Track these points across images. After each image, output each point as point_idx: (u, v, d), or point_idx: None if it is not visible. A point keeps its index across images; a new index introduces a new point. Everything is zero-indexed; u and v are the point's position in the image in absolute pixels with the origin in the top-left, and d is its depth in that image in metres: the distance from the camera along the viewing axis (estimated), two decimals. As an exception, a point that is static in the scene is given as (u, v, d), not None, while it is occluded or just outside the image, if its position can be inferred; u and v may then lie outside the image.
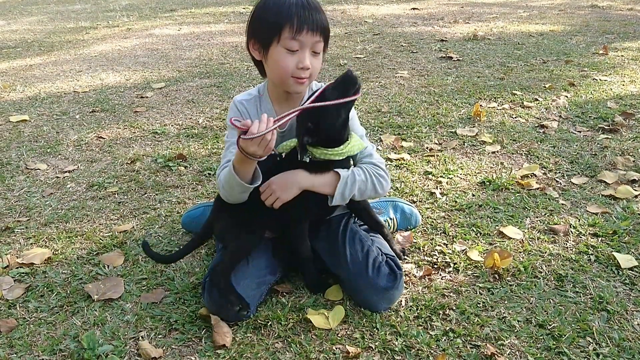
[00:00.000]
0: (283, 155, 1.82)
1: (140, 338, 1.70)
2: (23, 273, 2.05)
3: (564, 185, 2.58)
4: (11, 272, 2.05)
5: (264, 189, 1.78)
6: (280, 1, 1.72)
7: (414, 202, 2.47)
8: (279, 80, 1.81)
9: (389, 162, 2.88)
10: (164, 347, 1.66)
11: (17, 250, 2.21)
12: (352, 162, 1.89)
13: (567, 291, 1.83)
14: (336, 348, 1.63)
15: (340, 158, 1.77)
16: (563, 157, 2.87)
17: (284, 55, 1.73)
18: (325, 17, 1.76)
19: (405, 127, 3.36)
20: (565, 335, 1.63)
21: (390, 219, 2.23)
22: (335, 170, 1.79)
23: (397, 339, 1.64)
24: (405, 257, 2.05)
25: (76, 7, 10.49)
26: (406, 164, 2.85)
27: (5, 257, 2.14)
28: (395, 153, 2.98)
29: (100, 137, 3.42)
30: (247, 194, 1.74)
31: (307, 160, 1.73)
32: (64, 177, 2.88)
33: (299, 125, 1.73)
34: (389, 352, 1.60)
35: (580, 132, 3.21)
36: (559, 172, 2.71)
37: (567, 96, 3.85)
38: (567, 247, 2.09)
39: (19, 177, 2.91)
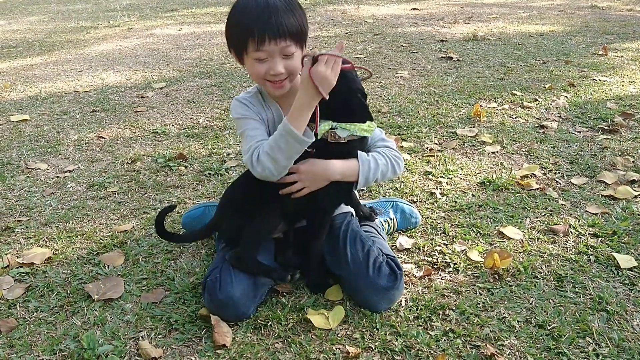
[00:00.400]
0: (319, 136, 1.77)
1: (140, 338, 1.70)
2: (23, 273, 2.05)
3: (564, 186, 2.58)
4: (11, 271, 2.06)
5: (292, 178, 1.77)
6: (241, 13, 1.73)
7: (414, 202, 2.47)
8: (257, 82, 1.87)
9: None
10: (164, 347, 1.66)
11: (17, 250, 2.21)
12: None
13: (567, 291, 1.83)
14: (336, 348, 1.63)
15: (369, 135, 1.81)
16: (563, 157, 2.88)
17: (255, 65, 1.76)
18: (296, 16, 1.72)
19: (405, 127, 3.36)
20: (564, 336, 1.63)
21: (390, 219, 2.23)
22: (359, 155, 1.81)
23: (397, 339, 1.65)
24: (376, 216, 2.09)
25: (77, 7, 10.50)
26: (406, 164, 2.85)
27: (5, 256, 2.14)
28: (395, 153, 2.98)
29: (101, 137, 3.42)
30: (297, 156, 1.70)
31: (344, 139, 1.73)
32: (65, 177, 2.88)
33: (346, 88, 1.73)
34: (389, 352, 1.61)
35: (579, 132, 3.21)
36: (559, 173, 2.71)
37: (566, 97, 3.85)
38: (566, 248, 2.09)
39: (20, 176, 2.91)
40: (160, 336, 1.71)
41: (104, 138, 3.41)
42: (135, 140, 3.35)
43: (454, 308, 1.77)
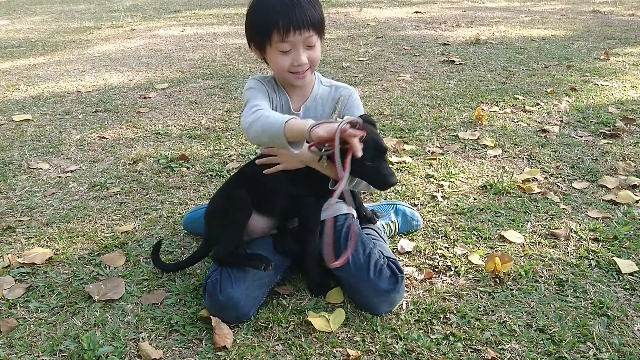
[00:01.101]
0: None
1: (140, 339, 1.70)
2: (24, 273, 2.05)
3: (565, 190, 2.58)
4: (12, 271, 2.06)
5: (272, 159, 1.83)
6: (265, 5, 1.76)
7: (416, 205, 2.47)
8: (280, 77, 1.91)
9: (391, 165, 2.88)
10: (164, 349, 1.66)
11: (18, 250, 2.21)
12: None
13: (568, 296, 1.83)
14: (337, 351, 1.63)
15: None
16: (564, 161, 2.87)
17: (279, 56, 1.80)
18: (316, 7, 1.78)
19: (407, 130, 3.37)
20: (565, 340, 1.63)
21: (392, 222, 2.23)
22: None
23: (397, 343, 1.65)
24: (377, 219, 2.11)
25: (80, 7, 10.52)
26: (408, 167, 2.85)
27: (6, 256, 2.14)
28: (397, 156, 2.98)
29: (103, 137, 3.42)
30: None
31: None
32: (66, 177, 2.88)
33: None
34: (389, 355, 1.60)
35: (581, 137, 3.21)
36: (560, 177, 2.71)
37: (568, 101, 3.85)
38: (567, 252, 2.09)
39: (21, 176, 2.91)
40: (160, 337, 1.71)
41: (106, 138, 3.41)
42: (137, 141, 3.36)
43: (455, 312, 1.77)
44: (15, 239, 2.30)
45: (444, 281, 1.95)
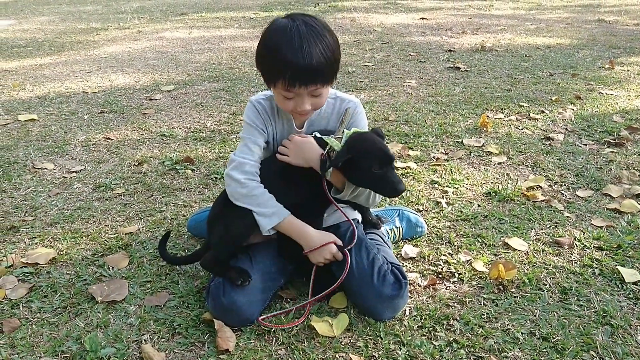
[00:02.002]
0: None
1: (143, 341, 1.70)
2: (27, 273, 2.06)
3: (569, 198, 2.58)
4: (15, 271, 2.06)
5: (283, 142, 1.85)
6: (275, 48, 1.68)
7: (420, 211, 2.47)
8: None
9: (395, 171, 2.87)
10: (167, 351, 1.66)
11: (21, 250, 2.22)
12: None
13: (571, 304, 1.83)
14: (339, 356, 1.63)
15: None
16: (569, 169, 2.87)
17: (281, 98, 1.78)
18: (330, 57, 1.70)
19: (412, 136, 3.37)
20: (568, 349, 1.62)
21: (396, 227, 2.23)
22: None
23: (400, 349, 1.64)
24: (381, 224, 2.10)
25: (88, 8, 10.56)
26: (412, 173, 2.85)
27: (9, 256, 2.15)
28: (401, 162, 2.98)
29: (108, 138, 3.43)
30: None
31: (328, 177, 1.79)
32: (71, 178, 2.89)
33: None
34: (391, 361, 1.60)
35: (586, 145, 3.20)
36: (565, 185, 2.71)
37: (573, 109, 3.85)
38: (571, 260, 2.09)
39: (26, 176, 2.92)
40: (163, 340, 1.71)
41: (112, 139, 3.42)
42: (142, 143, 3.36)
43: (458, 318, 1.77)
44: (19, 239, 2.30)
45: (448, 288, 1.94)
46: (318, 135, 1.82)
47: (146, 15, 9.30)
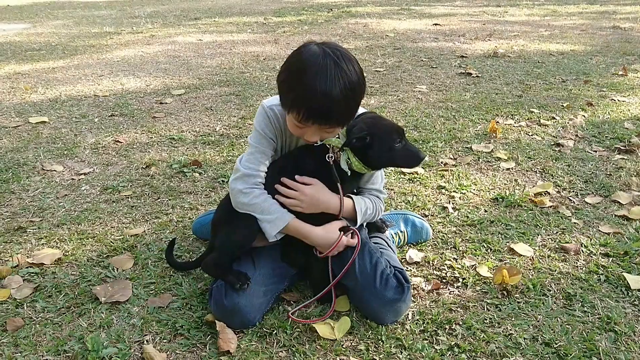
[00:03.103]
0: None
1: (145, 342, 1.71)
2: (32, 273, 2.07)
3: (577, 204, 2.55)
4: (21, 271, 2.08)
5: (294, 194, 1.79)
6: (297, 80, 1.63)
7: (426, 215, 2.46)
8: None
9: (402, 176, 2.87)
10: (168, 352, 1.66)
11: (28, 250, 2.24)
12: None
13: (575, 310, 1.81)
14: (340, 359, 1.62)
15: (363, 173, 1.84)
16: (578, 176, 2.84)
17: (293, 125, 1.73)
18: (352, 107, 1.68)
19: (421, 142, 3.35)
20: (571, 355, 1.60)
21: (401, 231, 2.22)
22: (353, 200, 1.87)
23: (401, 352, 1.63)
24: (386, 228, 2.08)
25: (102, 13, 10.67)
26: (419, 178, 2.84)
27: (15, 256, 2.16)
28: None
29: (118, 141, 3.46)
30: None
31: (347, 170, 1.77)
32: (79, 180, 2.92)
33: (354, 129, 1.74)
34: (392, 365, 1.59)
35: (596, 151, 3.18)
36: (573, 191, 2.68)
37: (584, 115, 3.81)
38: (577, 266, 2.06)
39: (35, 177, 2.95)
40: (165, 341, 1.72)
41: (121, 142, 3.44)
42: (151, 146, 3.38)
43: (461, 323, 1.76)
44: (26, 239, 2.32)
45: (451, 292, 1.93)
46: (319, 142, 1.78)
47: (159, 19, 9.38)
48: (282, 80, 1.69)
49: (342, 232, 1.83)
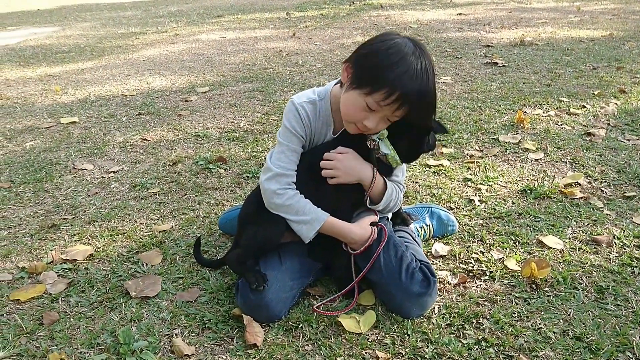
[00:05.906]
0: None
1: (174, 335, 1.73)
2: (66, 269, 2.12)
3: (610, 195, 2.50)
4: (55, 267, 2.13)
5: (328, 164, 1.81)
6: (397, 62, 1.61)
7: (452, 208, 2.44)
8: (342, 116, 1.77)
9: (428, 169, 2.85)
10: (197, 345, 1.69)
11: (61, 247, 2.29)
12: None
13: (608, 303, 1.77)
14: (366, 353, 1.62)
15: (394, 167, 1.87)
16: (610, 166, 2.78)
17: (359, 108, 1.68)
18: (430, 110, 1.74)
19: (446, 133, 3.32)
20: (603, 349, 1.57)
21: (427, 225, 2.21)
22: (385, 179, 1.88)
23: (428, 346, 1.63)
24: (411, 221, 2.09)
25: (127, 14, 10.82)
26: (445, 171, 2.81)
27: (50, 252, 2.22)
28: (434, 159, 2.95)
29: (145, 139, 3.51)
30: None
31: (389, 152, 1.79)
32: (109, 178, 2.97)
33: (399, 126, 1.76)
34: (419, 359, 1.58)
35: (629, 140, 3.10)
36: (605, 182, 2.62)
37: (616, 103, 3.73)
38: (609, 259, 2.02)
39: (67, 176, 3.01)
40: (193, 334, 1.74)
41: (148, 140, 3.49)
42: (177, 143, 3.42)
43: (488, 317, 1.74)
44: (59, 236, 2.38)
45: (478, 286, 1.91)
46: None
47: (183, 18, 9.47)
48: (364, 60, 1.67)
49: (373, 227, 1.83)
